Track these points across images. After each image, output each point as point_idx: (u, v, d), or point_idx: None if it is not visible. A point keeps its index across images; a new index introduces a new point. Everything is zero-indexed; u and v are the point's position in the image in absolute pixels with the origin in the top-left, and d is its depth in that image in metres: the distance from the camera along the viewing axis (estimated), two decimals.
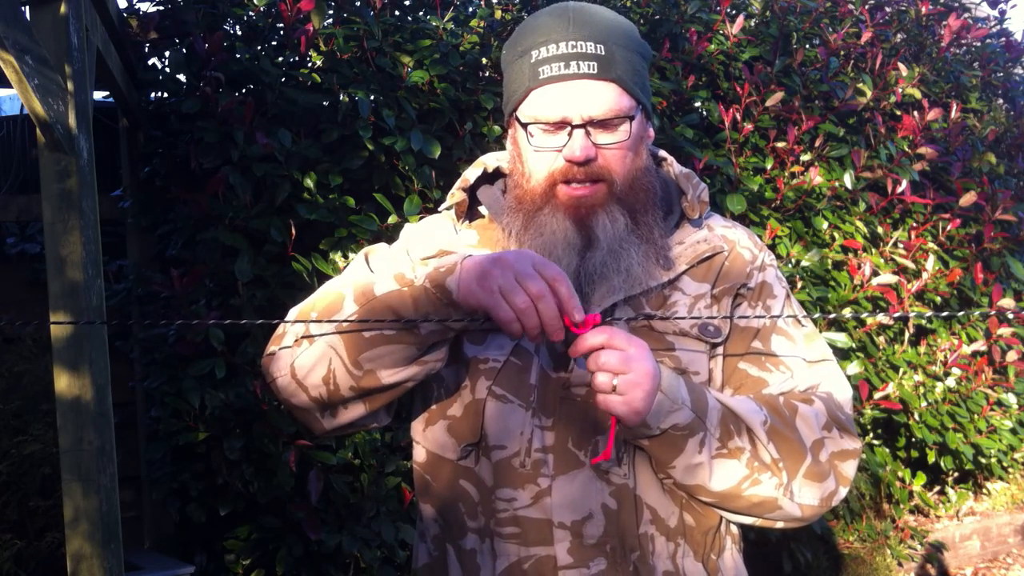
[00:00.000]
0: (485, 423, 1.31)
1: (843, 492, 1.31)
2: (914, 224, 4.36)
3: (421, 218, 1.55)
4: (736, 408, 1.26)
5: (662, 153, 1.45)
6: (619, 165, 1.30)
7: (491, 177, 1.45)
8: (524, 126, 1.31)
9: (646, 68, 1.35)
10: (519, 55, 1.32)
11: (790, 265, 3.90)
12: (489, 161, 1.45)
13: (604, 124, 1.28)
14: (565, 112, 1.27)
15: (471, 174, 1.43)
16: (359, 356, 1.23)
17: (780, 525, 1.31)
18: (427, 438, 1.39)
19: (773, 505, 1.27)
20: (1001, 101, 5.45)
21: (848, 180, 4.13)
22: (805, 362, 1.36)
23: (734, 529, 1.40)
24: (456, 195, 1.42)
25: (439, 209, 1.49)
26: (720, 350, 1.35)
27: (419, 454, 1.42)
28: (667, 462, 1.25)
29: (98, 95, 3.24)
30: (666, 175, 1.43)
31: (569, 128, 1.27)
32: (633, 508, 1.29)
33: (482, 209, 1.43)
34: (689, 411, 1.22)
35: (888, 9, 4.94)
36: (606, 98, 1.27)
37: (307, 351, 1.27)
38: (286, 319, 1.34)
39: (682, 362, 1.32)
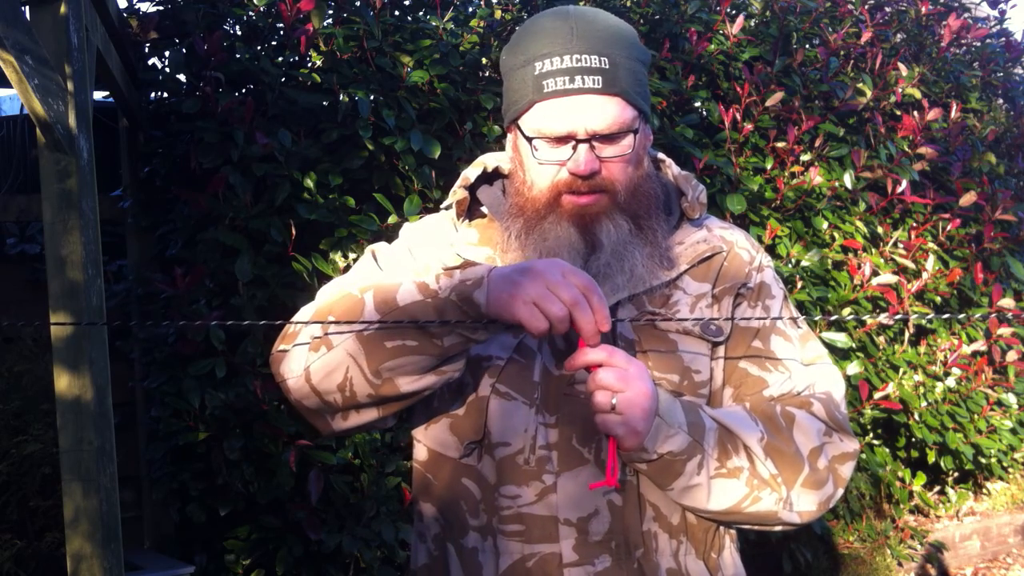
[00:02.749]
0: (488, 421, 1.31)
1: (840, 493, 1.32)
2: (914, 224, 4.36)
3: (421, 218, 1.54)
4: (732, 426, 1.27)
5: (660, 155, 1.45)
6: (622, 176, 1.31)
7: (490, 177, 1.46)
8: (528, 139, 1.31)
9: (646, 74, 1.36)
10: (522, 64, 1.32)
11: (790, 265, 3.90)
12: (489, 161, 1.45)
13: (608, 138, 1.29)
14: (570, 127, 1.27)
15: (471, 173, 1.44)
16: (379, 365, 1.22)
17: (779, 529, 1.33)
18: (429, 436, 1.39)
19: (773, 517, 1.29)
20: (1001, 101, 5.45)
21: (848, 180, 4.13)
22: (802, 363, 1.37)
23: (732, 528, 1.41)
24: (458, 193, 1.42)
25: (440, 207, 1.49)
26: (721, 350, 1.36)
27: (420, 453, 1.42)
28: (665, 485, 1.26)
29: (98, 95, 3.24)
30: (664, 177, 1.44)
31: (574, 142, 1.28)
32: (637, 505, 1.30)
33: (483, 208, 1.43)
34: (686, 435, 1.23)
35: (888, 9, 4.94)
36: (610, 113, 1.28)
37: (324, 356, 1.26)
38: (295, 319, 1.33)
39: (684, 361, 1.32)
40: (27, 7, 2.18)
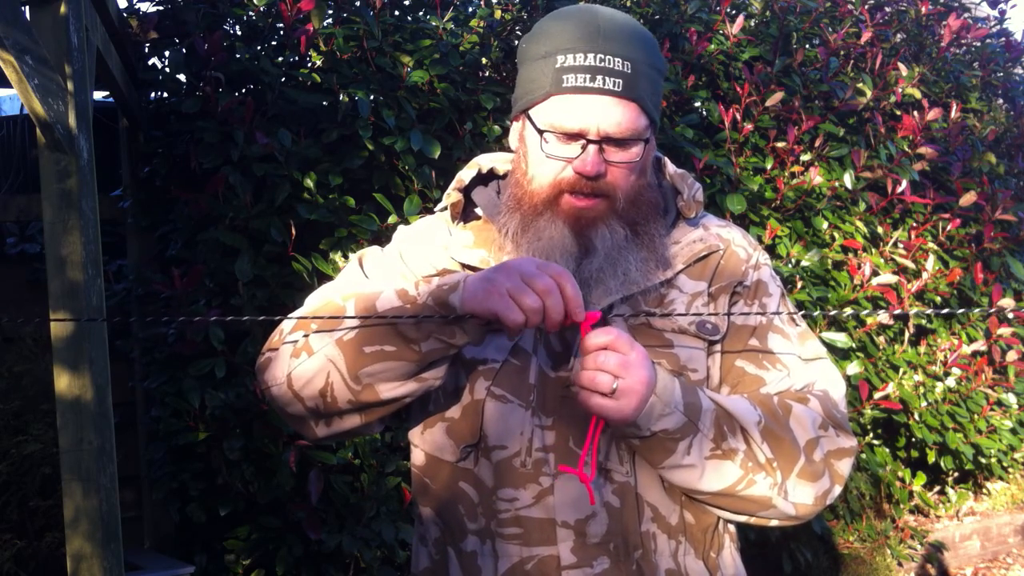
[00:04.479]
0: (484, 423, 1.31)
1: (838, 490, 1.31)
2: (914, 224, 4.37)
3: (421, 218, 1.54)
4: (731, 408, 1.27)
5: (656, 154, 1.45)
6: (625, 182, 1.30)
7: (485, 178, 1.45)
8: (539, 131, 1.30)
9: (662, 84, 1.35)
10: (543, 54, 1.31)
11: (790, 265, 3.90)
12: (483, 162, 1.45)
13: (619, 142, 1.28)
14: (583, 125, 1.27)
15: (466, 175, 1.43)
16: (359, 371, 1.23)
17: (775, 523, 1.32)
18: (425, 440, 1.39)
19: (767, 504, 1.27)
20: (1001, 101, 5.45)
21: (848, 180, 4.13)
22: (800, 360, 1.36)
23: (731, 527, 1.41)
24: (452, 196, 1.42)
25: (434, 210, 1.49)
26: (718, 348, 1.35)
27: (417, 457, 1.42)
28: (657, 463, 1.26)
29: (98, 95, 3.24)
30: (660, 176, 1.44)
31: (584, 141, 1.27)
32: (635, 506, 1.30)
33: (478, 210, 1.43)
34: (681, 415, 1.23)
35: (888, 9, 4.94)
36: (626, 118, 1.27)
37: (305, 363, 1.27)
38: (283, 325, 1.34)
39: (681, 360, 1.32)
40: (27, 7, 2.18)
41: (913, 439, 4.36)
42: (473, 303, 1.16)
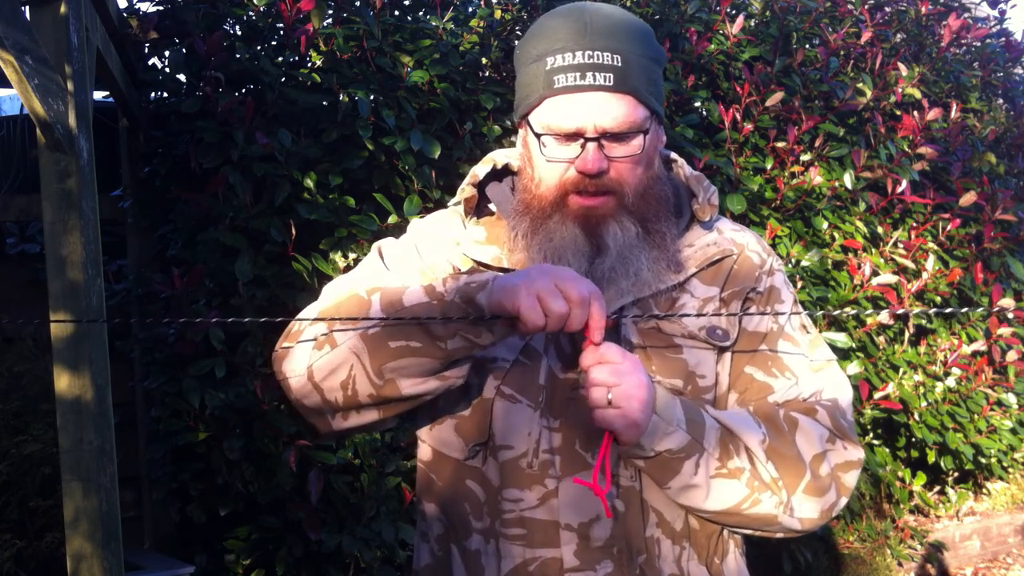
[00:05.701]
0: (493, 423, 1.31)
1: (844, 501, 1.31)
2: (914, 224, 4.36)
3: (421, 218, 1.54)
4: (734, 427, 1.26)
5: (672, 155, 1.44)
6: (631, 177, 1.29)
7: (499, 173, 1.45)
8: (537, 135, 1.30)
9: (660, 73, 1.34)
10: (534, 58, 1.31)
11: (790, 265, 3.90)
12: (498, 157, 1.44)
13: (618, 137, 1.27)
14: (579, 124, 1.26)
15: (480, 170, 1.43)
16: (382, 365, 1.22)
17: (780, 535, 1.32)
18: (433, 436, 1.38)
19: (772, 521, 1.27)
20: (1001, 101, 5.45)
21: (848, 180, 4.13)
22: (810, 368, 1.36)
23: (736, 533, 1.40)
24: (466, 190, 1.41)
25: (448, 204, 1.49)
26: (728, 354, 1.35)
27: (424, 452, 1.41)
28: (663, 483, 1.26)
29: (98, 95, 3.24)
30: (676, 178, 1.43)
31: (583, 140, 1.26)
32: (640, 511, 1.29)
33: (491, 206, 1.43)
34: (684, 433, 1.23)
35: (888, 9, 4.94)
36: (621, 111, 1.26)
37: (328, 354, 1.26)
38: (299, 318, 1.33)
39: (689, 365, 1.31)
40: (27, 7, 2.18)
41: (913, 439, 4.36)
42: (500, 296, 1.16)
